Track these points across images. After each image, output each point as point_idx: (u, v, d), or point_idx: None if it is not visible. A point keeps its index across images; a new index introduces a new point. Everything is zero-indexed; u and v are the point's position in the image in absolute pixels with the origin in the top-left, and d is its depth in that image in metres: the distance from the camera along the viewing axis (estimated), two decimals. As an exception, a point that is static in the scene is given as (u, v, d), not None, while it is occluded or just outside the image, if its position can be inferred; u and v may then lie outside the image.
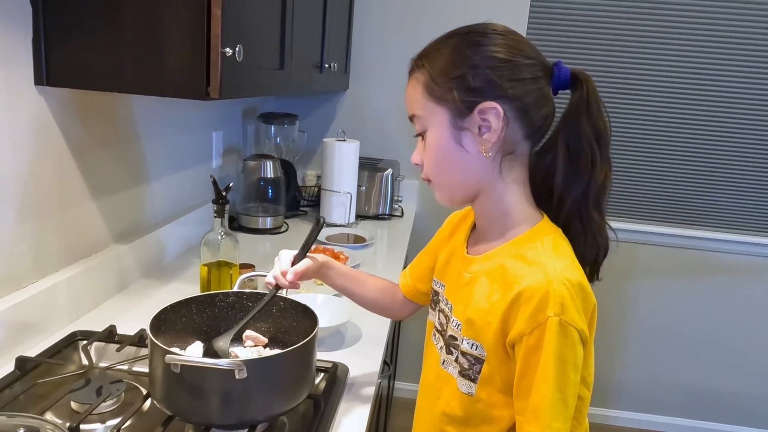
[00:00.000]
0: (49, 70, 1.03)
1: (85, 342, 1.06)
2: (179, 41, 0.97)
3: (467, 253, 0.88)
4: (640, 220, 2.41)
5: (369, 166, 2.21)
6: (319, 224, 1.00)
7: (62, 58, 1.02)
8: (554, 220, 0.83)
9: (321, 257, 1.01)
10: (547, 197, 0.83)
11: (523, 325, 0.74)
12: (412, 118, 0.83)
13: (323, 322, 1.12)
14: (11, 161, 1.00)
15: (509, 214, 0.82)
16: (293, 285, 0.95)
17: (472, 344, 0.81)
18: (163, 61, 0.98)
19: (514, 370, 0.77)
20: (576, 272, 0.77)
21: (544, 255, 0.77)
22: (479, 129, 0.77)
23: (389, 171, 2.20)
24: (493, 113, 0.76)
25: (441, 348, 0.89)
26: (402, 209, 2.30)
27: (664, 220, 2.41)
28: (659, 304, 2.49)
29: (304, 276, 0.96)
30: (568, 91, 0.81)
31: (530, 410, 0.74)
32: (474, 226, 0.91)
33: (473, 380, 0.82)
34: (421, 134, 0.83)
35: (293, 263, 0.96)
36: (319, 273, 1.01)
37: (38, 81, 1.03)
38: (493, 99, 0.76)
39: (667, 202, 2.39)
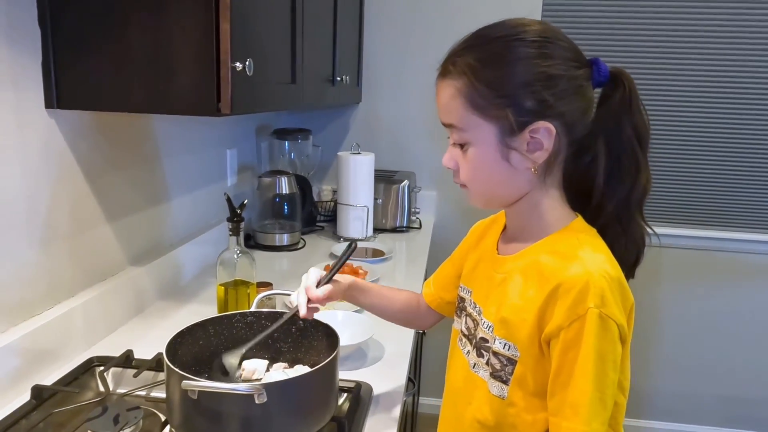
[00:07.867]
0: (60, 93, 1.02)
1: (102, 368, 1.03)
2: (188, 58, 0.95)
3: (498, 254, 0.85)
4: (666, 223, 2.34)
5: (385, 178, 2.18)
6: (350, 248, 1.00)
7: (72, 80, 1.01)
8: (591, 222, 0.79)
9: (346, 278, 0.99)
10: (584, 199, 0.79)
11: (561, 318, 0.70)
12: (447, 126, 0.79)
13: (344, 339, 1.09)
14: (23, 186, 0.99)
15: (544, 215, 0.79)
16: (312, 311, 0.93)
17: (505, 344, 0.78)
18: (173, 78, 0.97)
19: (549, 369, 0.73)
20: (614, 267, 0.74)
21: (581, 249, 0.74)
22: (527, 145, 0.74)
23: (405, 183, 2.17)
24: (545, 132, 0.73)
25: (468, 353, 0.86)
26: (420, 221, 2.26)
27: (689, 222, 2.34)
28: (690, 309, 2.41)
29: (329, 299, 0.94)
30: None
31: (569, 406, 0.70)
32: (504, 229, 0.88)
33: (505, 382, 0.78)
34: (459, 144, 0.79)
35: (318, 285, 0.93)
36: (345, 295, 0.99)
37: (49, 104, 1.02)
38: (545, 119, 0.73)
39: (691, 204, 2.32)
